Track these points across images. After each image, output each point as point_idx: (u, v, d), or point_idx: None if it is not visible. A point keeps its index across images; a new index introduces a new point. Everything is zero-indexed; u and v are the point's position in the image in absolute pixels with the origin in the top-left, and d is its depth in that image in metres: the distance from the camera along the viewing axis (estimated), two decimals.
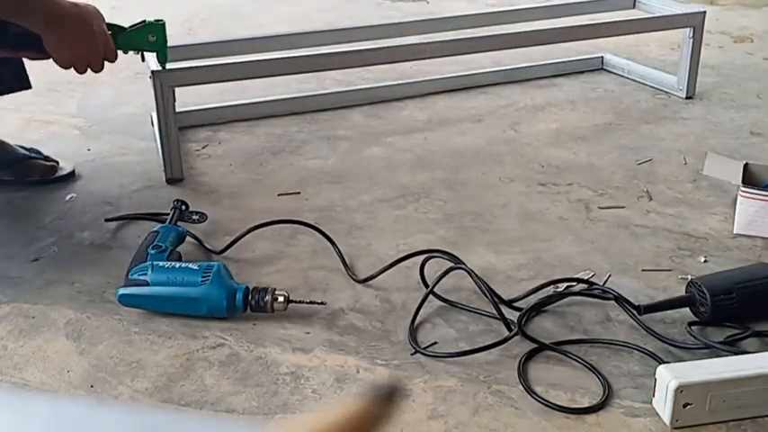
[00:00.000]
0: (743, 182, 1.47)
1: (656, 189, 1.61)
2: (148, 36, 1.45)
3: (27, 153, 1.63)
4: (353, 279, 1.30)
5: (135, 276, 1.21)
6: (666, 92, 2.11)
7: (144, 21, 1.45)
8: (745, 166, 1.51)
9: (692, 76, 2.06)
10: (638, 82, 2.19)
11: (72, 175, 1.64)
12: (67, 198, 1.55)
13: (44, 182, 1.60)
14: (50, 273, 1.33)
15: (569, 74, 2.25)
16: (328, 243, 1.37)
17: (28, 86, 1.62)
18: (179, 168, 1.63)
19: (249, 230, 1.39)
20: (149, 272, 1.21)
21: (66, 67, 1.38)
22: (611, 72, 2.26)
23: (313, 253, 1.38)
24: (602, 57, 2.29)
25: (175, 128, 1.60)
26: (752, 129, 1.91)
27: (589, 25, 2.05)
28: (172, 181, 1.63)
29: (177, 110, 1.60)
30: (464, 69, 2.19)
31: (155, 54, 1.51)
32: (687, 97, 2.07)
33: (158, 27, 1.45)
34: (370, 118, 1.96)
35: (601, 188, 1.61)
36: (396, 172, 1.68)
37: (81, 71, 1.39)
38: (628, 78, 2.22)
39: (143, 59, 1.53)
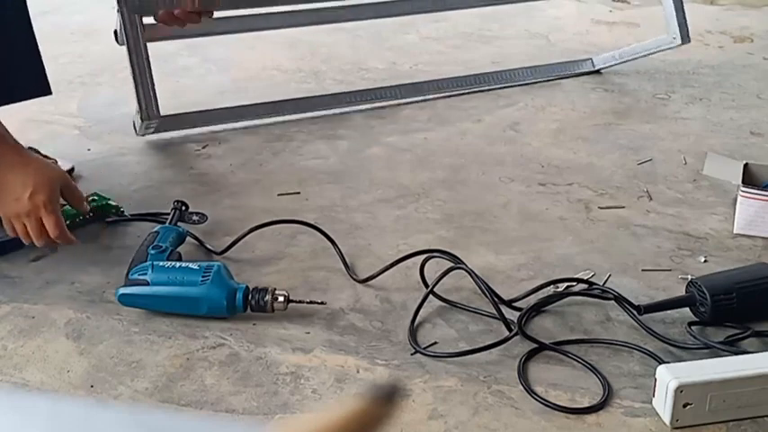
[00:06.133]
0: (743, 182, 1.47)
1: (656, 189, 1.61)
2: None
3: None
4: (354, 279, 1.30)
5: (135, 276, 1.21)
6: (662, 51, 2.13)
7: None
8: (745, 166, 1.51)
9: (682, 20, 2.07)
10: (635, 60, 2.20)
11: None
12: None
13: None
14: (50, 273, 1.33)
15: (569, 74, 2.24)
16: (328, 243, 1.37)
17: (48, 92, 1.59)
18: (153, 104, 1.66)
19: (250, 231, 1.39)
20: (149, 271, 1.21)
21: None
22: (609, 71, 2.26)
23: (313, 253, 1.38)
24: (591, 59, 2.27)
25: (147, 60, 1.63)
26: (752, 129, 1.91)
27: None
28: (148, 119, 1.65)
29: (176, 112, 1.60)
30: (464, 70, 2.19)
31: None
32: (683, 42, 2.08)
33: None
34: (370, 118, 1.96)
35: (601, 188, 1.61)
36: (396, 172, 1.68)
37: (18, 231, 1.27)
38: (623, 62, 2.21)
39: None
